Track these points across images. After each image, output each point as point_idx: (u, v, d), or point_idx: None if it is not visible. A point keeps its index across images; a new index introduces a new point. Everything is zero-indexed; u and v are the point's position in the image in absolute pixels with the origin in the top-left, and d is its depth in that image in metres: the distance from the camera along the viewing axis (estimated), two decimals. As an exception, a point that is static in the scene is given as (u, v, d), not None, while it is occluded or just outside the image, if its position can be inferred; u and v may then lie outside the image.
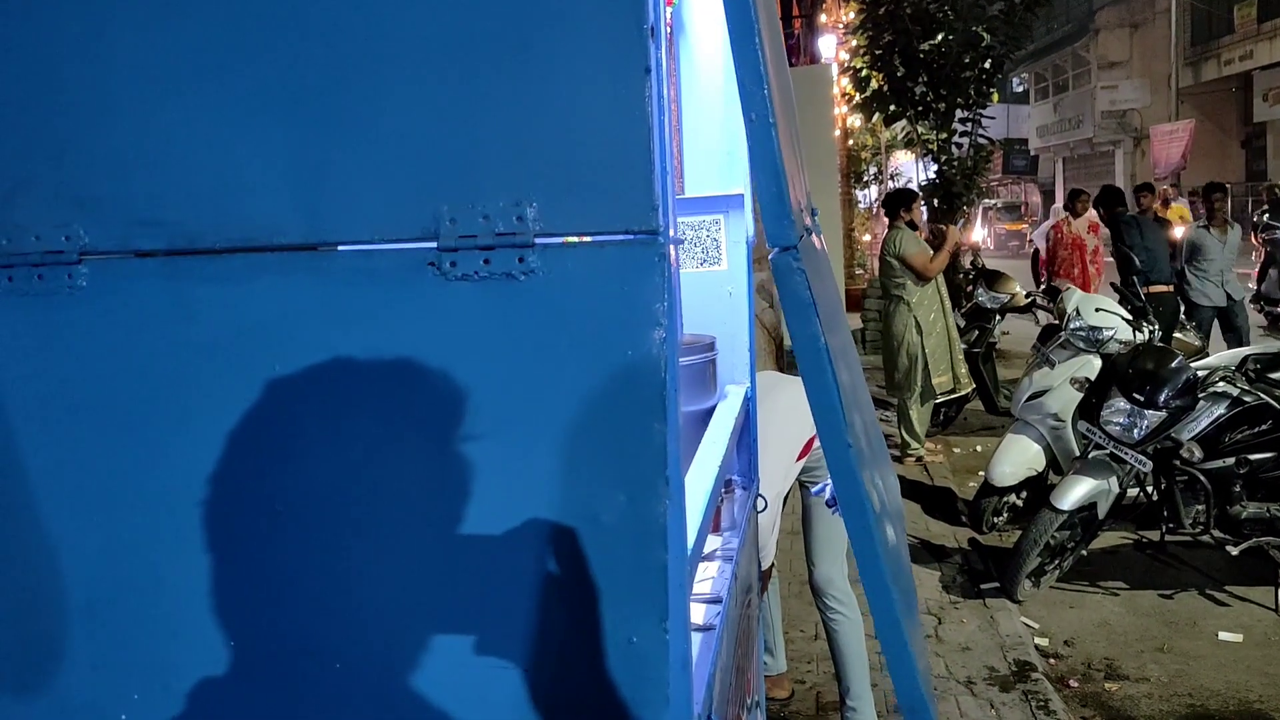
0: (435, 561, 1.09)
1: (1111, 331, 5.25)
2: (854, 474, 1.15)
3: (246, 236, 1.11)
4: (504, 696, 1.07)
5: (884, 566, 1.19)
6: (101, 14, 1.11)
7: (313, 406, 1.11)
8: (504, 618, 1.07)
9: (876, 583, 1.21)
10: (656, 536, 1.04)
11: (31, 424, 1.17)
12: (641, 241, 1.03)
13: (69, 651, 1.19)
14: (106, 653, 1.18)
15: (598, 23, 1.01)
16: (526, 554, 1.06)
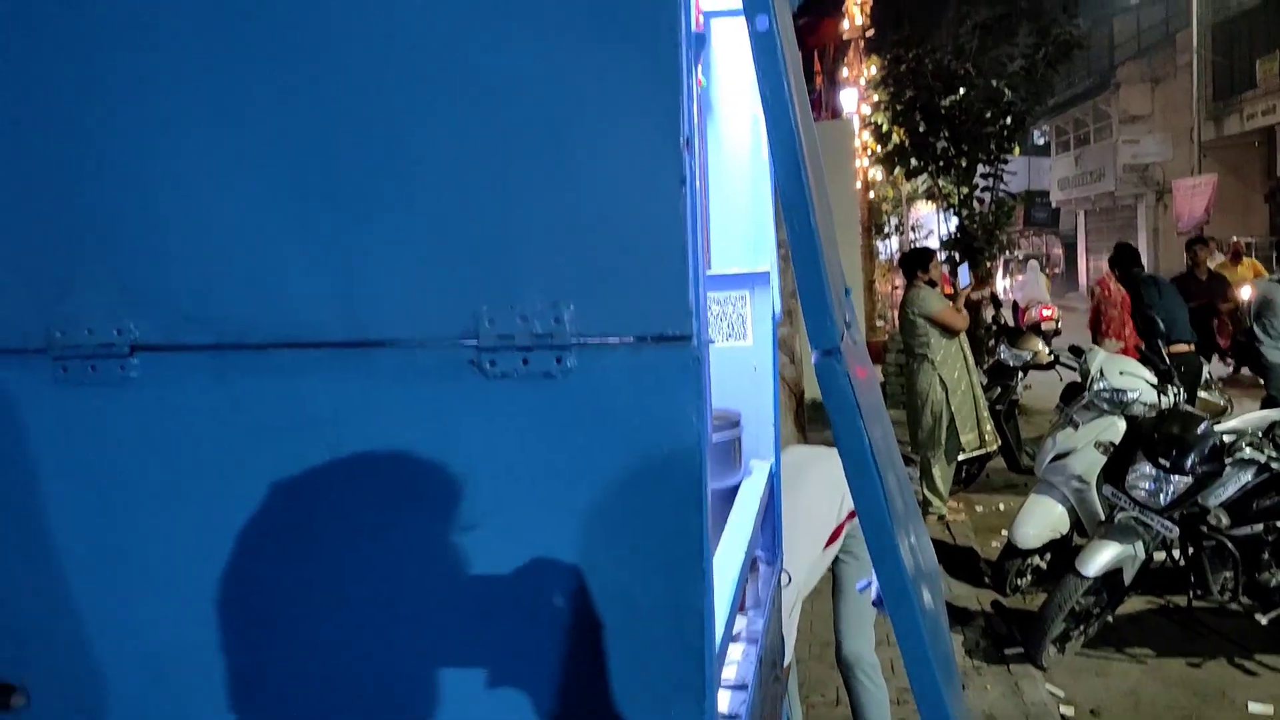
0: (477, 644, 1.11)
1: (1136, 394, 5.22)
2: (903, 579, 1.16)
3: (292, 333, 1.14)
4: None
5: (931, 657, 1.20)
6: (154, 115, 1.16)
7: (359, 497, 1.14)
8: (543, 701, 1.09)
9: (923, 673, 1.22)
10: (694, 623, 1.06)
11: (85, 510, 1.20)
12: (676, 345, 1.06)
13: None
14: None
15: (636, 133, 1.05)
16: (566, 638, 1.08)
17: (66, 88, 1.17)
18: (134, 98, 1.16)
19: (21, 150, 1.19)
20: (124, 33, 1.15)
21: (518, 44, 1.06)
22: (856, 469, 1.14)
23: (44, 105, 1.17)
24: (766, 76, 1.10)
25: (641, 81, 1.03)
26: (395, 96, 1.09)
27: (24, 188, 1.19)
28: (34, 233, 1.19)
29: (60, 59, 1.16)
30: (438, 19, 1.07)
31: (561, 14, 1.05)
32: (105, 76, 1.16)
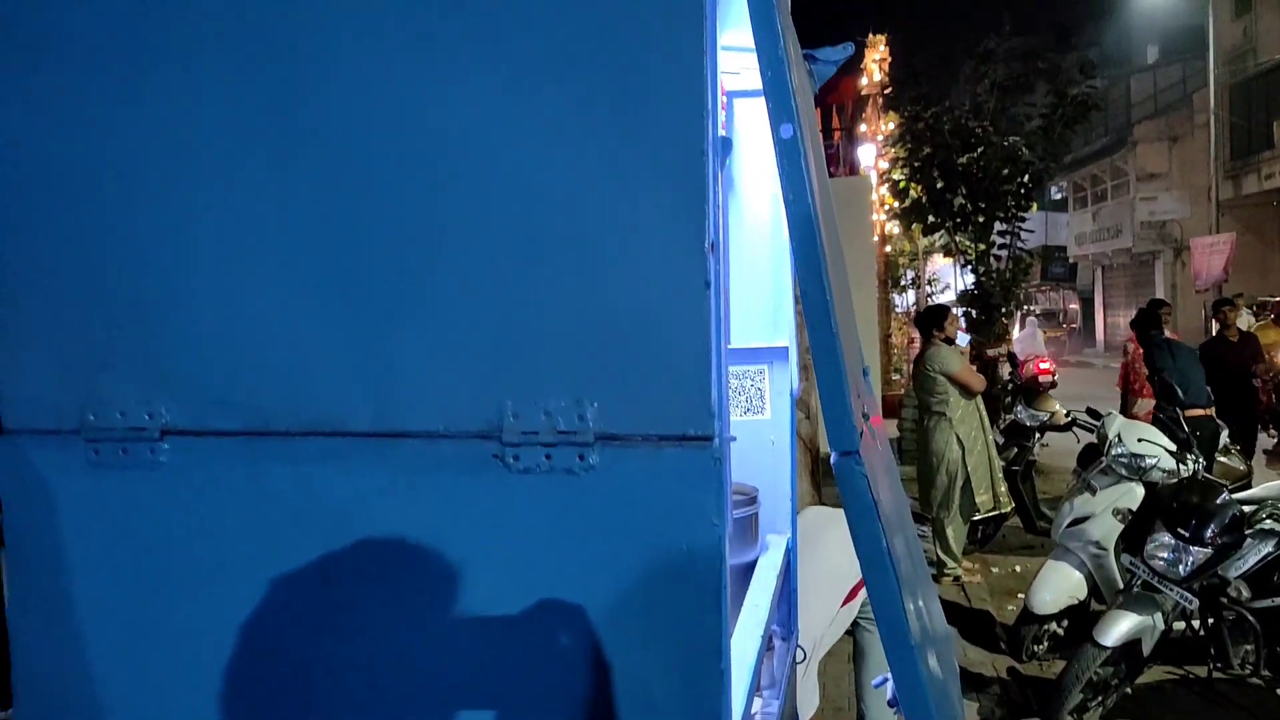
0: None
1: (1154, 460, 5.18)
2: (916, 673, 1.16)
3: (319, 421, 1.16)
4: None
5: None
6: (191, 206, 1.19)
7: (380, 584, 1.15)
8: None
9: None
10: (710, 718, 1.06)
11: (114, 590, 1.22)
12: (698, 445, 1.07)
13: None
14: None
15: (662, 237, 1.08)
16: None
17: (108, 178, 1.20)
18: (172, 189, 1.19)
19: (61, 236, 1.22)
20: (165, 125, 1.18)
21: (549, 150, 1.08)
22: (874, 573, 1.15)
23: (85, 194, 1.21)
24: (790, 183, 1.12)
25: (668, 188, 1.06)
26: (428, 196, 1.12)
27: (62, 272, 1.22)
28: (70, 316, 1.22)
29: (103, 150, 1.20)
30: (474, 123, 1.10)
31: (592, 123, 1.07)
32: (145, 168, 1.19)
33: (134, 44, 1.18)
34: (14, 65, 1.21)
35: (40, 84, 1.21)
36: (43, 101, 1.21)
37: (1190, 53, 30.51)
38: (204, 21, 1.16)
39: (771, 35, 1.10)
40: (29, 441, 1.23)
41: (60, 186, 1.21)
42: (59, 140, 1.21)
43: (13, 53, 1.21)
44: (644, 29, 1.05)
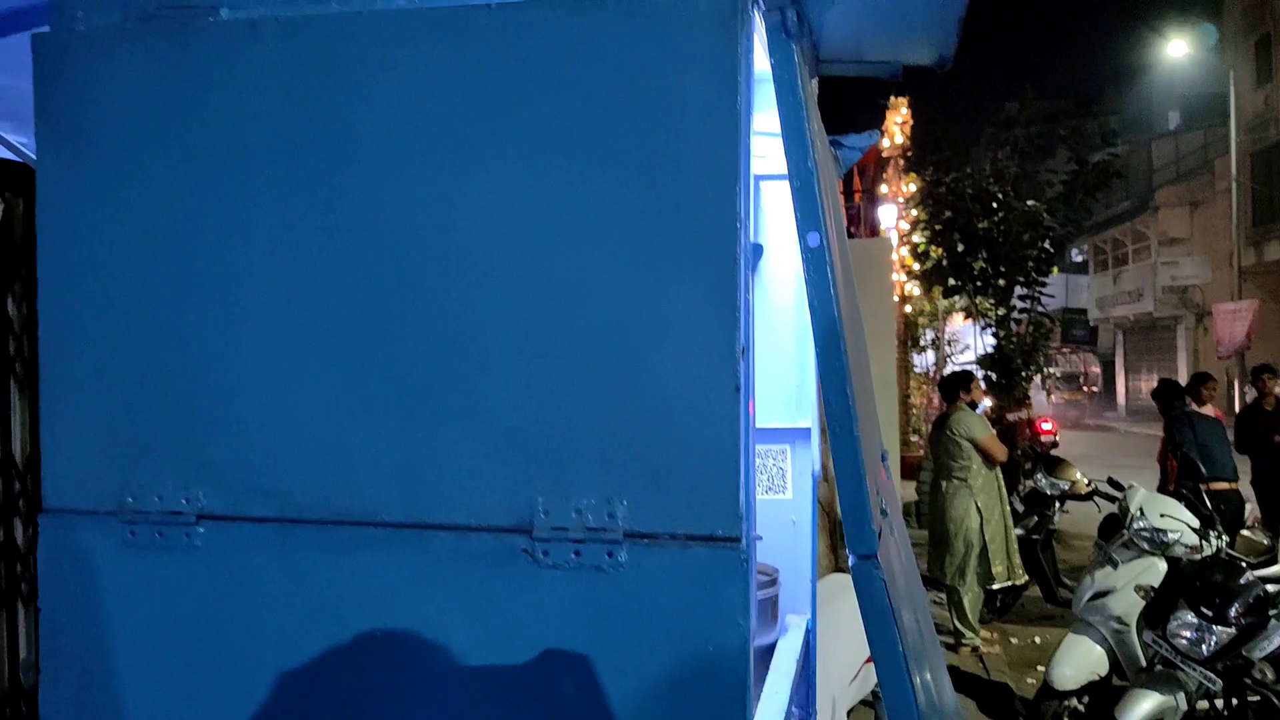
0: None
1: (1176, 536, 5.12)
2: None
3: (352, 511, 1.18)
4: None
5: None
6: (235, 304, 1.23)
7: (408, 674, 1.16)
8: None
9: None
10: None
11: (143, 667, 1.23)
12: (725, 546, 1.08)
13: None
14: None
15: (694, 343, 1.10)
16: None
17: (158, 274, 1.24)
18: (219, 286, 1.22)
19: (110, 327, 1.26)
20: (216, 225, 1.22)
21: (585, 257, 1.11)
22: (889, 674, 1.15)
23: (135, 288, 1.25)
24: (816, 290, 1.15)
25: (701, 295, 1.08)
26: (467, 298, 1.15)
27: (109, 361, 1.25)
28: (115, 403, 1.25)
29: (155, 247, 1.24)
30: (513, 230, 1.13)
31: (628, 231, 1.10)
32: (194, 265, 1.23)
33: (189, 147, 1.22)
34: (73, 164, 1.26)
35: (97, 181, 1.25)
36: (100, 197, 1.25)
37: (1212, 119, 30.64)
38: (257, 128, 1.20)
39: (801, 147, 1.13)
40: (68, 520, 1.26)
41: (112, 280, 1.25)
42: (114, 235, 1.25)
43: (72, 151, 1.26)
44: (681, 145, 1.08)
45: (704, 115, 1.08)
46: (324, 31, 1.19)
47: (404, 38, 1.17)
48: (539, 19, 1.13)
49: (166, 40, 1.23)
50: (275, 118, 1.20)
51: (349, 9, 1.19)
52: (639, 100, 1.11)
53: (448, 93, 1.16)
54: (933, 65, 2.05)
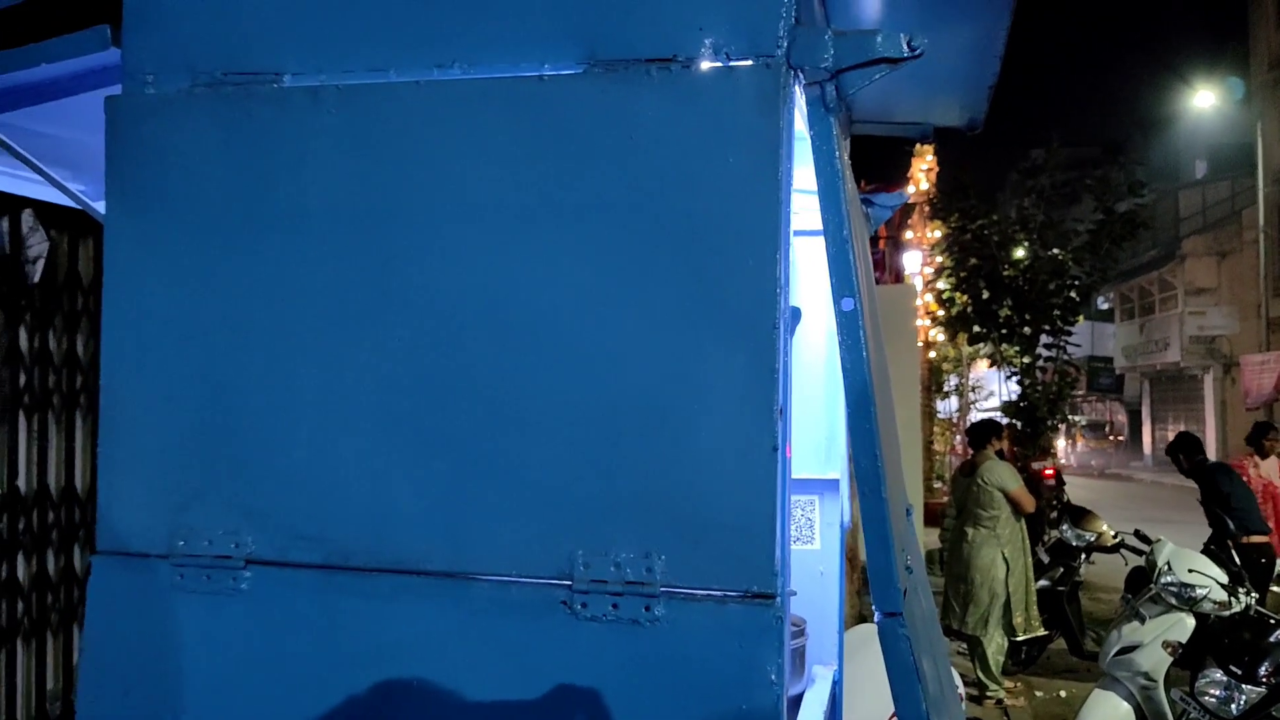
0: None
1: (1205, 591, 5.07)
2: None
3: (395, 559, 1.22)
4: None
5: None
6: (286, 360, 1.28)
7: None
8: None
9: None
10: None
11: (187, 708, 1.27)
12: (760, 603, 1.11)
13: None
14: None
15: (734, 402, 1.13)
16: None
17: (214, 329, 1.30)
18: (273, 341, 1.28)
19: (166, 379, 1.31)
20: (272, 283, 1.28)
21: (628, 320, 1.15)
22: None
23: (191, 342, 1.30)
24: (850, 354, 1.18)
25: (741, 358, 1.12)
26: (513, 358, 1.19)
27: (164, 411, 1.30)
28: (170, 450, 1.30)
29: (212, 303, 1.30)
30: (558, 294, 1.18)
31: (670, 296, 1.14)
32: (249, 321, 1.28)
33: (250, 207, 1.28)
34: (139, 219, 1.32)
35: (161, 236, 1.31)
36: (163, 252, 1.31)
37: (1239, 169, 30.57)
38: (316, 190, 1.26)
39: (838, 217, 1.17)
40: (118, 563, 1.30)
41: (171, 332, 1.31)
42: (175, 288, 1.30)
43: (139, 206, 1.32)
44: (723, 214, 1.13)
45: (745, 186, 1.13)
46: (382, 100, 1.25)
47: (458, 107, 1.22)
48: (588, 91, 1.18)
49: (231, 105, 1.30)
50: (333, 181, 1.26)
51: (406, 79, 1.25)
52: (683, 171, 1.15)
53: (499, 160, 1.21)
54: (963, 127, 2.09)
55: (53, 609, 4.09)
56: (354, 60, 1.26)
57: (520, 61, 1.21)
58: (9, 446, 3.79)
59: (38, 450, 3.92)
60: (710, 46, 1.15)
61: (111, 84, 1.42)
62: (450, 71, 1.24)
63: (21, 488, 3.81)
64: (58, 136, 1.84)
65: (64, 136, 1.84)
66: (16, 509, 3.77)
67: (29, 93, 1.53)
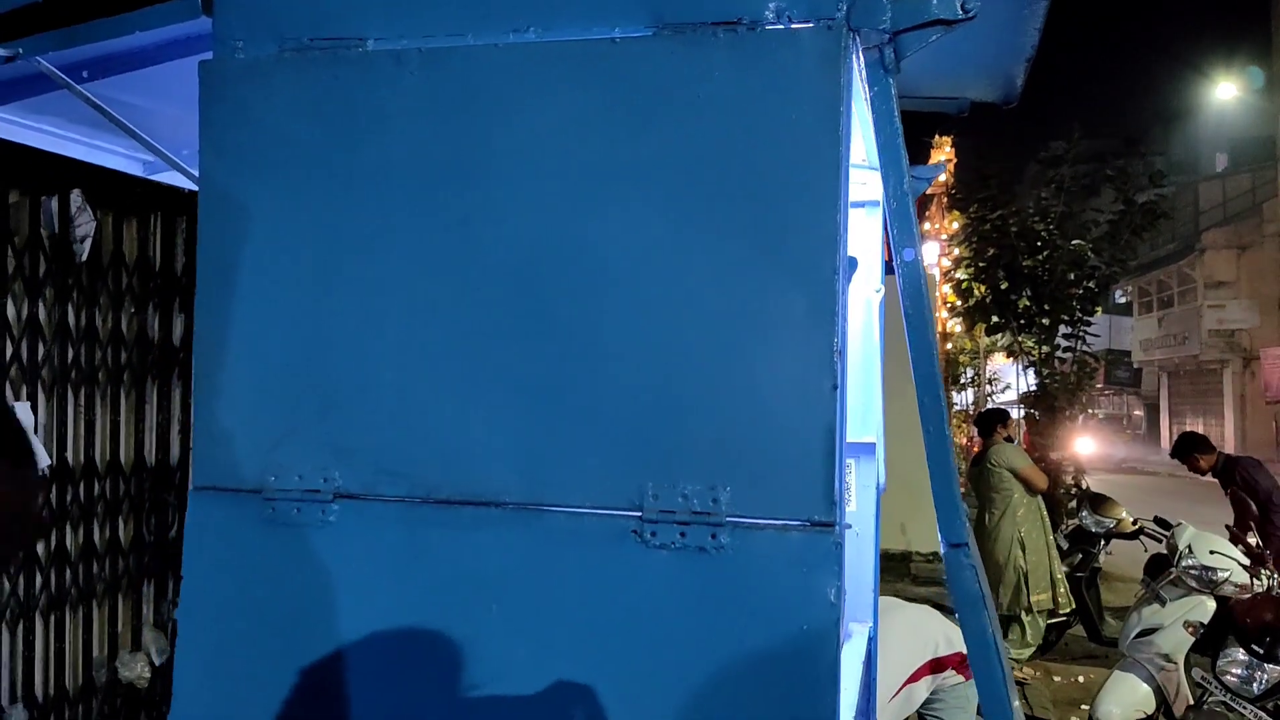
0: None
1: (1226, 574, 5.12)
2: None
3: (475, 493, 1.30)
4: None
5: None
6: (374, 307, 1.36)
7: (521, 642, 1.26)
8: None
9: None
10: (820, 800, 1.15)
11: (278, 633, 1.35)
12: (819, 531, 1.19)
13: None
14: None
15: (796, 343, 1.21)
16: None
17: (303, 282, 1.38)
18: (360, 289, 1.36)
19: (259, 326, 1.39)
20: (361, 234, 1.36)
21: (697, 268, 1.23)
22: (980, 652, 1.24)
23: (283, 291, 1.39)
24: (912, 301, 1.26)
25: (803, 302, 1.20)
26: (587, 304, 1.27)
27: (258, 355, 1.39)
28: (262, 392, 1.38)
29: (303, 253, 1.38)
30: (631, 242, 1.25)
31: (737, 245, 1.22)
32: (334, 274, 1.37)
33: (337, 165, 1.36)
34: (232, 177, 1.41)
35: (253, 194, 1.40)
36: (255, 208, 1.39)
37: (1260, 162, 30.38)
38: (400, 149, 1.34)
39: (899, 172, 1.25)
40: (214, 497, 1.39)
41: (263, 284, 1.39)
42: (266, 242, 1.39)
43: (231, 166, 1.40)
44: (787, 166, 1.20)
45: (807, 142, 1.20)
46: (462, 62, 1.32)
47: (534, 68, 1.30)
48: (657, 53, 1.26)
49: (318, 69, 1.38)
50: (416, 139, 1.34)
51: (484, 41, 1.32)
52: (747, 128, 1.23)
53: (573, 119, 1.29)
54: (998, 101, 2.16)
55: (99, 579, 4.20)
56: (434, 24, 1.34)
57: (592, 25, 1.29)
58: (58, 420, 3.90)
59: (84, 424, 4.03)
60: (773, 10, 1.23)
61: (195, 52, 1.51)
62: (525, 35, 1.32)
63: (69, 460, 3.92)
64: (133, 104, 1.93)
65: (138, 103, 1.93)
66: (65, 481, 3.88)
67: (118, 61, 1.62)
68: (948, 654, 3.37)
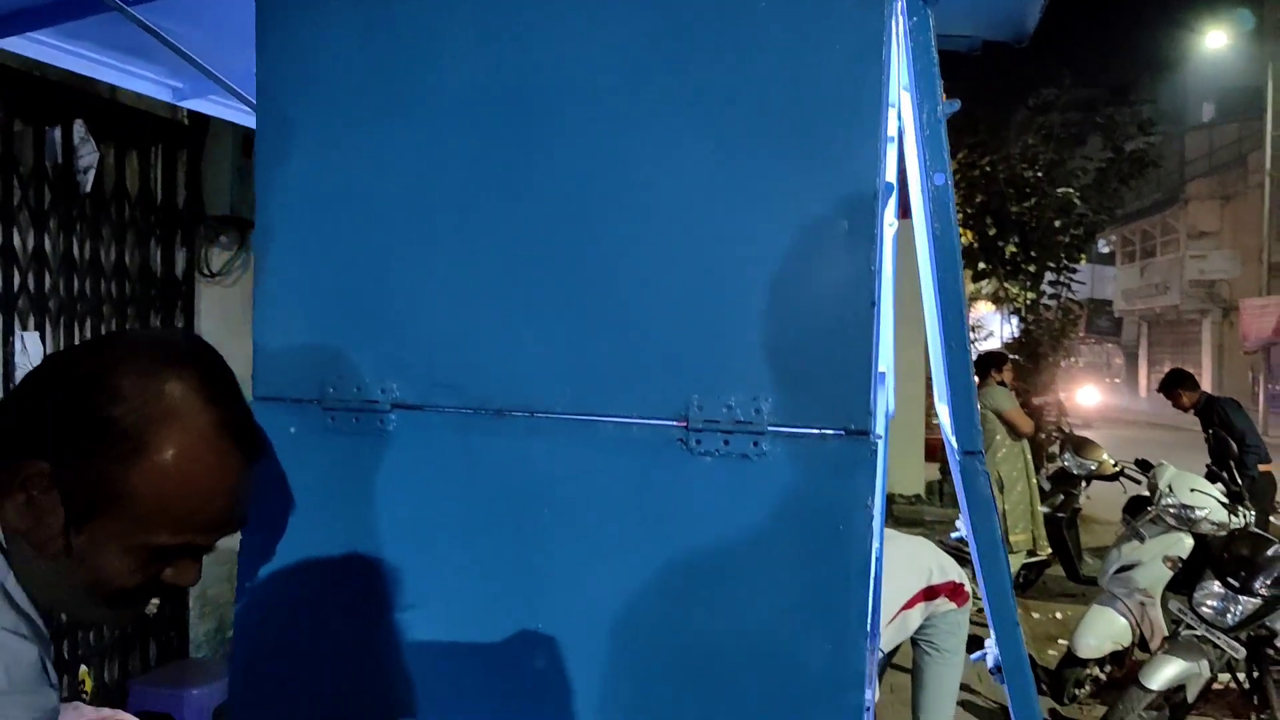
0: (665, 689, 1.30)
1: (1204, 511, 5.29)
2: (1020, 648, 1.35)
3: (527, 402, 1.37)
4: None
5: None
6: (427, 223, 1.42)
7: (573, 546, 1.35)
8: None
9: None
10: (855, 683, 1.25)
11: (336, 535, 1.43)
12: (857, 439, 1.27)
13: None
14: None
15: (837, 262, 1.28)
16: (742, 690, 1.28)
17: (359, 204, 1.43)
18: (411, 213, 1.41)
19: (318, 245, 1.45)
20: (414, 157, 1.41)
21: (741, 190, 1.29)
22: (988, 551, 1.33)
23: (338, 215, 1.44)
24: (942, 222, 1.32)
25: (843, 223, 1.26)
26: (634, 224, 1.33)
27: (317, 275, 1.45)
28: (321, 310, 1.44)
29: (358, 173, 1.43)
30: (676, 165, 1.31)
31: (781, 168, 1.28)
32: (388, 196, 1.42)
33: (390, 90, 1.41)
34: (289, 103, 1.45)
35: (309, 119, 1.45)
36: (311, 132, 1.44)
37: (1247, 113, 30.39)
38: (451, 75, 1.38)
39: (933, 99, 1.31)
40: (274, 407, 1.46)
41: (320, 205, 1.44)
42: (322, 165, 1.44)
43: (288, 92, 1.45)
44: (830, 98, 1.26)
45: (850, 70, 1.26)
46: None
47: None
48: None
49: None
50: (467, 66, 1.38)
51: (536, -33, 1.37)
52: (792, 56, 1.28)
53: (622, 46, 1.34)
54: (1010, 40, 2.21)
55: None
56: (486, -49, 1.39)
57: (644, -47, 1.33)
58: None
59: (92, 355, 4.07)
60: (820, -58, 1.28)
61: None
62: (577, -38, 1.36)
63: (80, 390, 3.97)
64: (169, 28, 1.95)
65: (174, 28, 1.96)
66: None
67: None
68: (941, 582, 3.50)
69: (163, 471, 0.98)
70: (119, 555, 0.99)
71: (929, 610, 3.47)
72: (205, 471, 1.00)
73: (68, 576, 1.00)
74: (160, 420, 0.98)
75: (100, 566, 0.99)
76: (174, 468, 0.98)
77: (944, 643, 3.50)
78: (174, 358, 1.03)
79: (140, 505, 0.98)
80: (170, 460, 0.98)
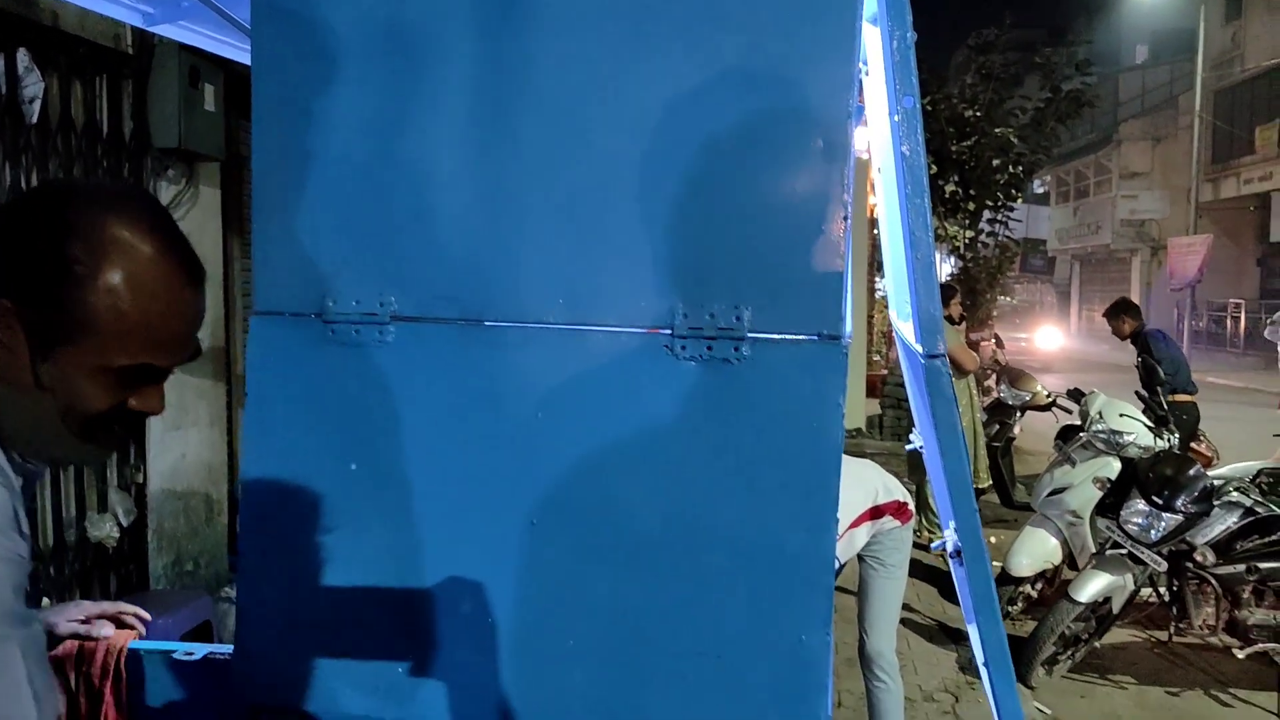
0: (657, 576, 1.42)
1: (1132, 436, 5.56)
2: (978, 533, 1.49)
3: (521, 314, 1.46)
4: (701, 678, 1.39)
5: (996, 604, 1.54)
6: (424, 142, 1.48)
7: (567, 449, 1.44)
8: (706, 620, 1.40)
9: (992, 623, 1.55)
10: (825, 565, 1.38)
11: (337, 443, 1.51)
12: (829, 343, 1.38)
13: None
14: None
15: (810, 180, 1.38)
16: (727, 574, 1.40)
17: (355, 124, 1.49)
18: (409, 133, 1.48)
19: (316, 164, 1.50)
20: (403, 84, 1.47)
21: (722, 111, 1.37)
22: (950, 442, 1.46)
23: (336, 135, 1.50)
24: (910, 142, 1.42)
25: (818, 143, 1.36)
26: (622, 143, 1.41)
27: (316, 193, 1.50)
28: (322, 223, 1.50)
29: (351, 103, 1.49)
30: (661, 87, 1.39)
31: (760, 91, 1.37)
32: (386, 116, 1.48)
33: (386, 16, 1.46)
34: (284, 28, 1.49)
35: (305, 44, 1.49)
36: (306, 57, 1.49)
37: (1179, 55, 30.97)
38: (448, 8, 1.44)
39: (904, 24, 1.40)
40: (275, 321, 1.52)
41: (318, 126, 1.49)
42: (316, 91, 1.48)
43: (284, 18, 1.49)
44: (810, 24, 1.35)
45: (826, 5, 1.35)
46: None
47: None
48: (688, -90, 1.38)
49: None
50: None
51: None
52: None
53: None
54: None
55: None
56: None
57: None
58: (20, 283, 3.90)
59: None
60: None
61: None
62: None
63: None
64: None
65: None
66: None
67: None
68: (886, 501, 3.67)
69: (114, 294, 1.04)
70: (84, 380, 1.06)
71: (875, 528, 3.65)
72: (152, 292, 1.06)
73: (43, 409, 1.06)
74: (109, 250, 1.04)
75: (69, 393, 1.06)
76: (124, 290, 1.04)
77: (889, 558, 3.69)
78: (118, 197, 1.10)
79: (97, 329, 1.04)
80: (120, 283, 1.04)
